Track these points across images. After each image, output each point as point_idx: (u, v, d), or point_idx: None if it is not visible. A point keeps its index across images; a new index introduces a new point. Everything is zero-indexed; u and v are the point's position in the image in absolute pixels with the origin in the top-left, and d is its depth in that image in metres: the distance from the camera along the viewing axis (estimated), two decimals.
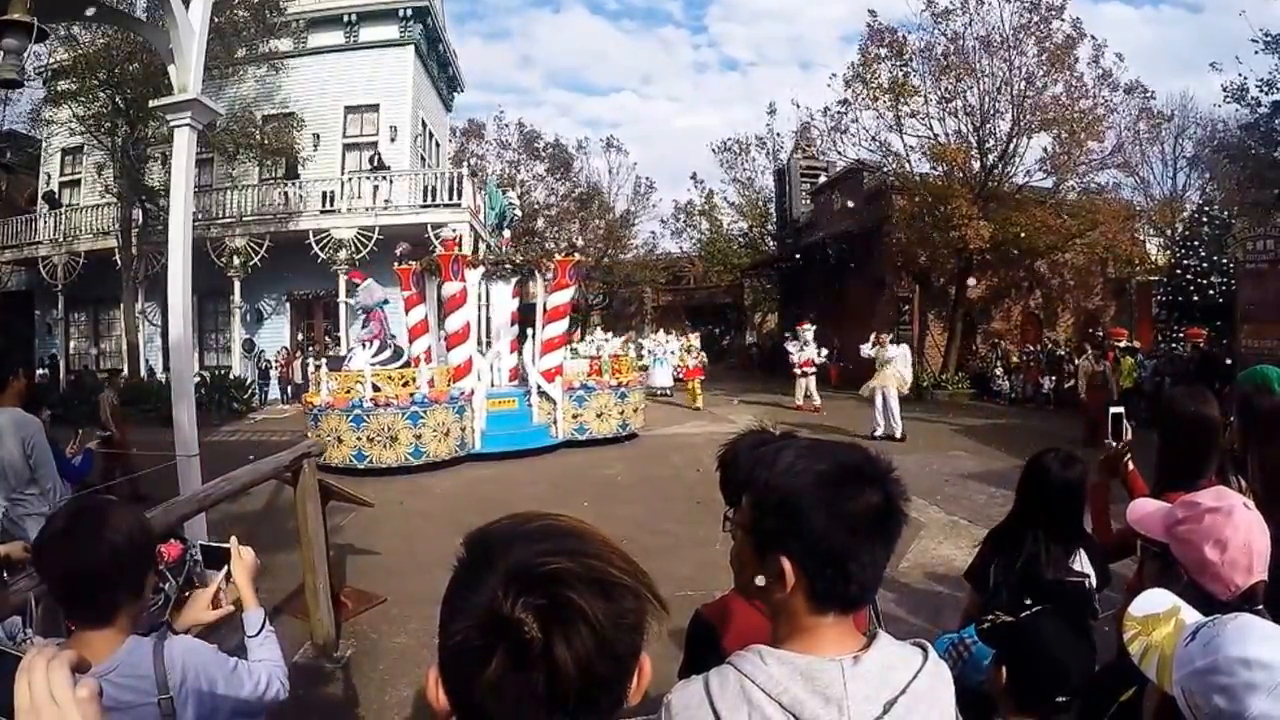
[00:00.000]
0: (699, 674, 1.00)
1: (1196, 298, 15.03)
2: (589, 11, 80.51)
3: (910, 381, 12.03)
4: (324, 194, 17.79)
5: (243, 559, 1.71)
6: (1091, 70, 16.79)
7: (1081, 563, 2.12)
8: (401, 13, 19.32)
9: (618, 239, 33.18)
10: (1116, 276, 20.26)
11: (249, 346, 18.38)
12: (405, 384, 9.72)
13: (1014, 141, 17.01)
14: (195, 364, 10.48)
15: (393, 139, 19.08)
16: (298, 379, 16.95)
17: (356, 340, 11.77)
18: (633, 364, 12.67)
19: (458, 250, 10.65)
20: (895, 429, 11.02)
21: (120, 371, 16.37)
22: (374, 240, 16.44)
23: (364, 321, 11.20)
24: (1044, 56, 16.57)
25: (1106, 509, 2.38)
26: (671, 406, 16.07)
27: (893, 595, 4.61)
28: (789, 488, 0.98)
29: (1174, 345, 14.67)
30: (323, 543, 4.22)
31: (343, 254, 16.72)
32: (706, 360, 24.77)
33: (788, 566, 0.97)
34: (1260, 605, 1.36)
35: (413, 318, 11.33)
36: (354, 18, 19.22)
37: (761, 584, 1.01)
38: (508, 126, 32.27)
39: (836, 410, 14.21)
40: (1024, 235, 16.23)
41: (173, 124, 4.87)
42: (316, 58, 19.13)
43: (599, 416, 11.24)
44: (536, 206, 31.16)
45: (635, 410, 11.80)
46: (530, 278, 12.13)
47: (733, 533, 1.16)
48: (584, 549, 0.67)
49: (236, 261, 17.09)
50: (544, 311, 11.52)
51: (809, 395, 14.89)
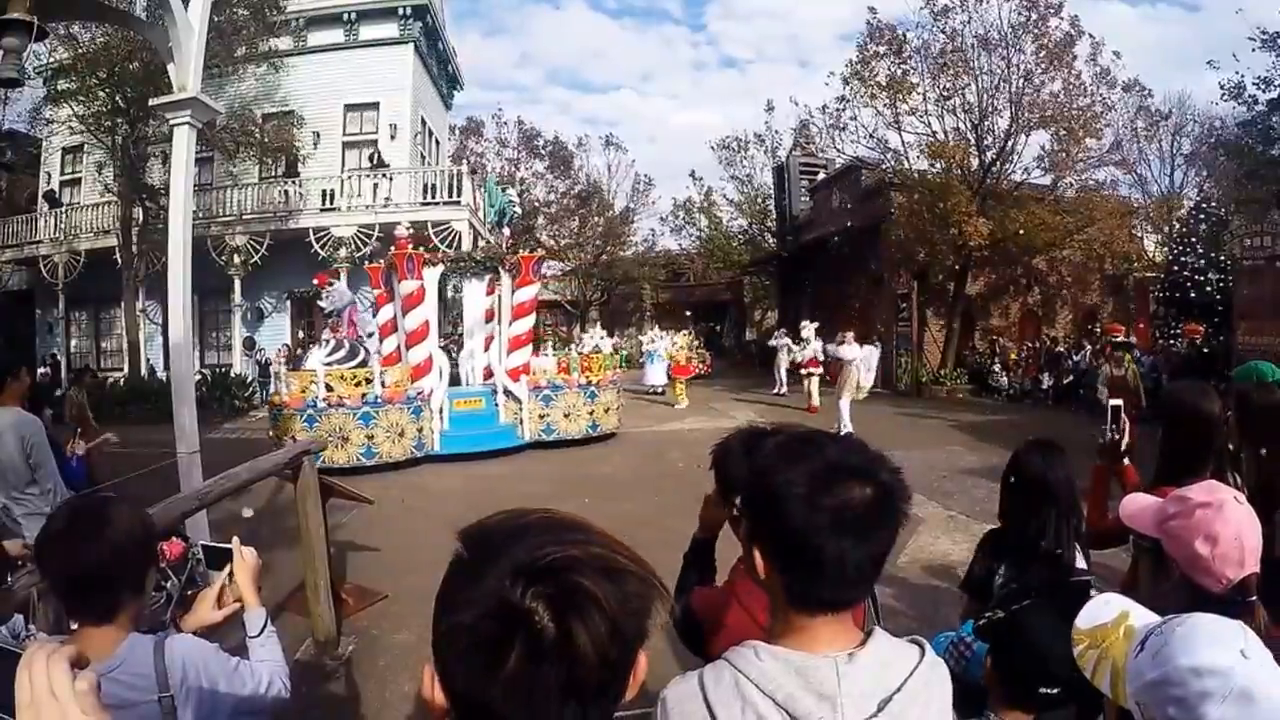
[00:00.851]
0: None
1: (1194, 294, 15.00)
2: (588, 9, 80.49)
3: (868, 388, 11.61)
4: (324, 192, 17.76)
5: (245, 559, 1.72)
6: (1089, 68, 16.80)
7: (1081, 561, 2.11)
8: (401, 11, 19.27)
9: (617, 236, 33.13)
10: (1114, 273, 20.26)
11: (250, 344, 18.38)
12: (358, 384, 9.57)
13: (1012, 139, 16.98)
14: (196, 362, 10.46)
15: (392, 137, 19.04)
16: None
17: (318, 341, 11.57)
18: (606, 362, 12.30)
19: (411, 248, 10.37)
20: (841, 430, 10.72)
21: (91, 369, 16.31)
22: (374, 238, 16.42)
23: (337, 325, 10.97)
24: (1042, 54, 16.53)
25: (1105, 493, 2.39)
26: (664, 406, 16.00)
27: (890, 590, 4.61)
28: (765, 478, 0.97)
29: (1172, 342, 14.67)
30: (323, 539, 4.22)
31: (343, 252, 16.72)
32: (708, 358, 24.74)
33: (759, 559, 0.98)
34: (1254, 597, 1.38)
35: (382, 316, 11.21)
36: (353, 16, 19.17)
37: (760, 575, 1.02)
38: (507, 124, 32.23)
39: (834, 410, 14.13)
40: (1022, 232, 16.23)
41: (172, 123, 4.86)
42: (316, 56, 19.05)
43: (567, 416, 10.99)
44: (536, 204, 31.10)
45: (607, 410, 11.47)
46: (496, 275, 11.73)
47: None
48: (587, 539, 0.68)
49: (237, 260, 17.09)
50: (510, 309, 11.22)
51: (809, 395, 14.84)
